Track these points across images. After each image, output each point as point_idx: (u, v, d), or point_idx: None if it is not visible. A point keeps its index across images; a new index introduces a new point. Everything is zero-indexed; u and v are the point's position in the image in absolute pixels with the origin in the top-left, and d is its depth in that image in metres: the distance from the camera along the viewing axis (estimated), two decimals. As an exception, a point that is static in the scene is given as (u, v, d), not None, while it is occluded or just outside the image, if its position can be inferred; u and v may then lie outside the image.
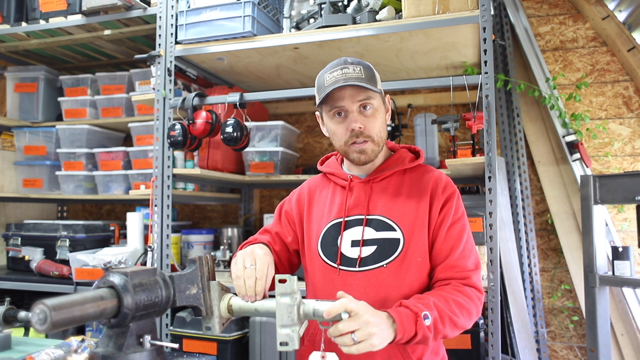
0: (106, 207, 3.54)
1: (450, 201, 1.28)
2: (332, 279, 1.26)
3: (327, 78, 1.26)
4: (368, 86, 1.22)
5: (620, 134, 2.57)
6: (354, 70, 1.24)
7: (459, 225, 1.27)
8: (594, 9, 2.52)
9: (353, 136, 1.25)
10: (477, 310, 1.21)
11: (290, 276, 1.01)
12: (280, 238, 1.39)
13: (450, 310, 1.14)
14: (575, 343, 2.56)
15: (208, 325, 1.08)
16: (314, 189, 1.41)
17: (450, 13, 1.86)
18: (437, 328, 1.10)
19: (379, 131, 1.27)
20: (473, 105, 1.87)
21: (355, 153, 1.27)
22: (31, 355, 1.28)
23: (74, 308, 0.77)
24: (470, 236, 1.30)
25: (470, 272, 1.23)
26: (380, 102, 1.29)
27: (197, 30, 2.19)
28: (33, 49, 2.86)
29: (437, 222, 1.26)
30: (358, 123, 1.23)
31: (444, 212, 1.27)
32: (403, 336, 1.06)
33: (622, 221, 2.51)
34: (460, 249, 1.24)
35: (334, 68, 1.27)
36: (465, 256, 1.25)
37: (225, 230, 2.80)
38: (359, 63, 1.27)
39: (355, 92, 1.24)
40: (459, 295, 1.18)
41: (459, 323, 1.15)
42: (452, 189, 1.31)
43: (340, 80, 1.22)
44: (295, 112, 3.10)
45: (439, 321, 1.11)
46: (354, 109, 1.24)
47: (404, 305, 1.11)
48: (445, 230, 1.25)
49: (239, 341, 2.10)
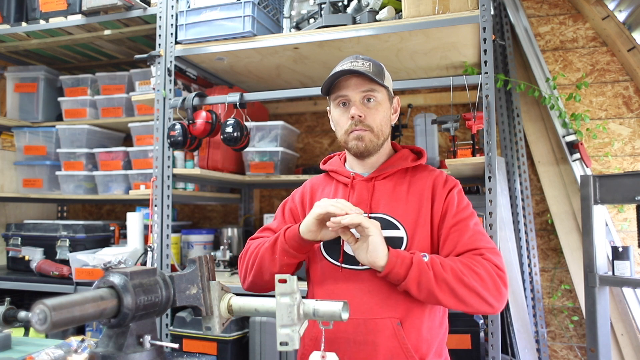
0: (106, 207, 3.54)
1: (453, 191, 1.28)
2: (335, 277, 1.26)
3: (337, 70, 1.29)
4: (372, 77, 1.23)
5: (620, 134, 2.57)
6: (363, 64, 1.27)
7: (465, 213, 1.26)
8: (594, 9, 2.52)
9: (353, 124, 1.27)
10: (492, 280, 1.14)
11: (290, 276, 1.00)
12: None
13: (453, 263, 1.14)
14: (575, 343, 2.56)
15: (208, 325, 1.08)
16: (316, 187, 1.42)
17: (450, 13, 1.86)
18: (435, 267, 1.12)
19: (379, 124, 1.28)
20: (473, 105, 1.87)
21: (353, 140, 1.28)
22: (31, 355, 1.28)
23: (74, 308, 0.77)
24: (479, 222, 1.27)
25: (483, 250, 1.19)
26: (386, 98, 1.31)
27: (197, 30, 2.19)
28: (33, 49, 2.86)
29: (442, 212, 1.25)
30: (359, 111, 1.25)
31: (447, 202, 1.26)
32: (397, 260, 1.12)
33: (622, 221, 2.51)
34: (468, 233, 1.22)
35: (345, 62, 1.30)
36: (478, 238, 1.21)
37: (225, 230, 2.80)
38: (369, 60, 1.29)
39: (360, 83, 1.26)
40: (467, 260, 1.16)
41: (467, 281, 1.11)
42: (454, 183, 1.31)
43: (347, 68, 1.25)
44: (295, 112, 3.10)
45: (438, 264, 1.13)
46: (357, 99, 1.27)
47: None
48: (452, 218, 1.24)
49: (239, 341, 2.10)
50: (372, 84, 1.26)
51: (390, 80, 1.35)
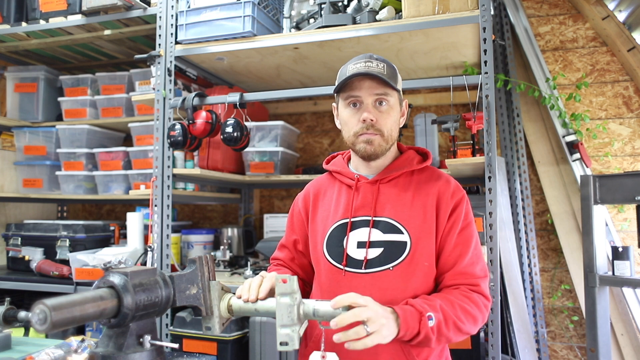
0: (106, 207, 3.54)
1: (460, 207, 1.27)
2: (338, 280, 1.25)
3: (350, 68, 1.26)
4: (387, 80, 1.22)
5: (620, 134, 2.57)
6: (377, 66, 1.24)
7: (468, 231, 1.26)
8: (594, 9, 2.52)
9: (364, 127, 1.25)
10: (483, 317, 1.20)
11: (290, 276, 1.00)
12: (300, 243, 1.40)
13: (455, 314, 1.13)
14: (575, 343, 2.56)
15: (208, 325, 1.08)
16: (318, 188, 1.41)
17: (450, 13, 1.86)
18: (440, 330, 1.10)
19: (390, 128, 1.26)
20: (473, 105, 1.87)
21: (362, 143, 1.26)
22: (31, 355, 1.28)
23: (74, 308, 0.77)
24: (479, 242, 1.28)
25: (478, 280, 1.22)
26: (397, 101, 1.29)
27: (197, 30, 2.19)
28: (33, 49, 2.86)
29: (445, 228, 1.25)
30: (371, 114, 1.23)
31: (453, 219, 1.26)
32: (406, 333, 1.06)
33: (622, 221, 2.51)
34: (468, 256, 1.23)
35: (358, 60, 1.27)
36: (474, 263, 1.24)
37: (225, 230, 2.80)
38: (383, 60, 1.27)
39: (374, 85, 1.24)
40: (465, 301, 1.17)
41: (464, 329, 1.15)
42: (461, 194, 1.30)
43: (362, 71, 1.23)
44: (295, 112, 3.10)
45: (443, 324, 1.10)
46: (369, 101, 1.25)
47: (410, 304, 1.11)
48: (455, 236, 1.24)
49: (239, 341, 2.10)
50: (386, 88, 1.24)
51: (400, 81, 1.33)
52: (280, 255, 1.43)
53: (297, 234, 1.41)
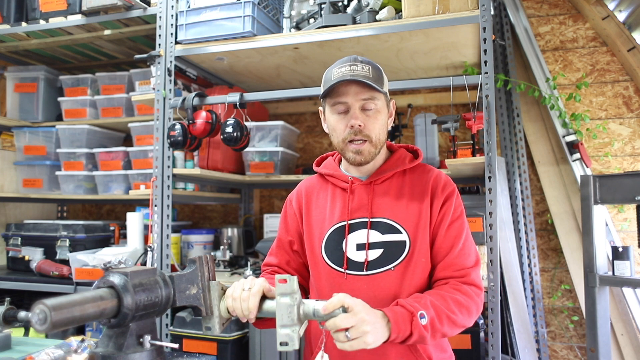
0: (106, 207, 3.54)
1: (450, 199, 1.28)
2: (339, 284, 1.25)
3: (335, 72, 1.25)
4: (374, 85, 1.21)
5: (620, 134, 2.57)
6: (363, 69, 1.23)
7: (458, 223, 1.28)
8: (594, 9, 2.52)
9: (352, 133, 1.24)
10: (477, 307, 1.21)
11: (290, 276, 1.01)
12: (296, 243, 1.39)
13: (448, 308, 1.14)
14: (575, 343, 2.56)
15: (208, 325, 1.08)
16: (310, 190, 1.40)
17: (450, 13, 1.86)
18: (434, 327, 1.10)
19: (378, 132, 1.26)
20: (473, 105, 1.87)
21: (351, 153, 1.26)
22: (31, 355, 1.28)
23: (74, 308, 0.77)
24: (469, 234, 1.30)
25: (469, 270, 1.23)
26: (384, 104, 1.29)
27: (197, 30, 2.19)
28: (33, 49, 2.86)
29: (437, 220, 1.26)
30: (358, 120, 1.23)
31: (444, 211, 1.27)
32: (398, 335, 1.06)
33: (622, 221, 2.51)
34: (459, 246, 1.25)
35: (343, 64, 1.26)
36: (465, 254, 1.25)
37: (225, 230, 2.80)
38: (368, 62, 1.26)
39: (360, 90, 1.23)
40: (457, 294, 1.18)
41: (458, 321, 1.15)
42: (452, 187, 1.31)
43: (347, 76, 1.22)
44: (295, 112, 3.10)
45: (436, 320, 1.11)
46: (356, 106, 1.24)
47: (400, 305, 1.11)
48: (445, 228, 1.26)
49: (239, 341, 2.10)
50: (372, 92, 1.23)
51: (387, 82, 1.32)
52: (274, 261, 1.40)
53: (292, 234, 1.40)
